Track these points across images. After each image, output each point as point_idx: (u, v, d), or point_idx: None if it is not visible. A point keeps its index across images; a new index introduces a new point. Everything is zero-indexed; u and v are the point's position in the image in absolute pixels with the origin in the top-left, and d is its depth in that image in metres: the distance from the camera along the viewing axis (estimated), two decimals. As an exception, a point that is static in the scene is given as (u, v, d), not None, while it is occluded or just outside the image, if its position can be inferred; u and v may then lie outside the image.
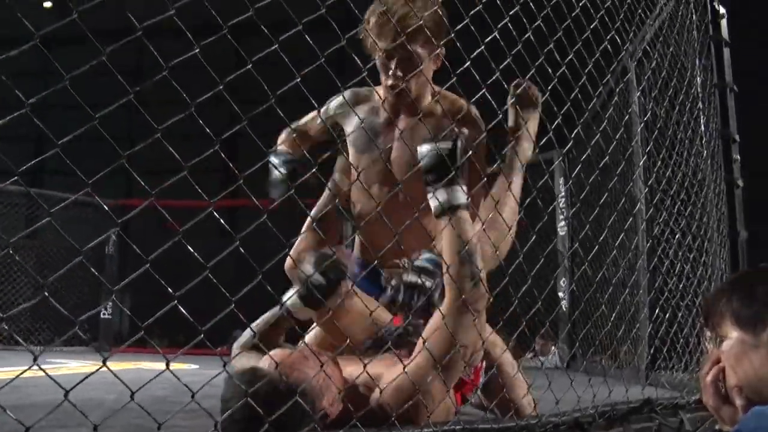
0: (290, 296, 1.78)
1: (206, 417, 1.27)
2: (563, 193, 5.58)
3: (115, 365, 1.11)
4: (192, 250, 1.27)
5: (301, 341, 1.83)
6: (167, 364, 1.11)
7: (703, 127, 3.07)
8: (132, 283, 1.19)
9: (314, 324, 1.97)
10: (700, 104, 3.05)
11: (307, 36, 1.33)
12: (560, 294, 5.58)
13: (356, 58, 1.58)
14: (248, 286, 1.31)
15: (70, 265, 1.13)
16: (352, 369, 1.61)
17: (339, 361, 1.65)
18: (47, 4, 12.23)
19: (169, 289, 1.14)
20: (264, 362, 1.48)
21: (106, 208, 6.58)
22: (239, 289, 1.26)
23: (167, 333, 8.57)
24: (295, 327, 1.91)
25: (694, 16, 3.15)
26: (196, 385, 1.19)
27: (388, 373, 1.57)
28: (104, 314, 7.59)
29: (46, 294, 1.05)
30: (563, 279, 5.50)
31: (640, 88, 3.52)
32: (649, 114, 3.26)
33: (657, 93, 3.01)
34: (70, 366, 5.12)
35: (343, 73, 1.59)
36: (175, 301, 1.14)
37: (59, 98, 1.13)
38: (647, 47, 3.41)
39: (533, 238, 1.94)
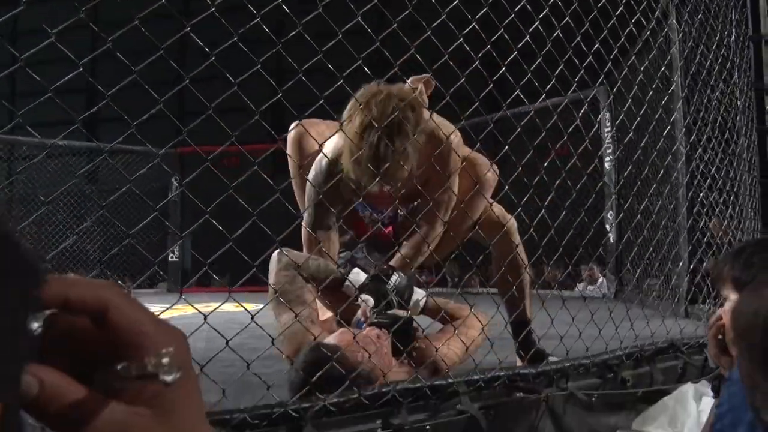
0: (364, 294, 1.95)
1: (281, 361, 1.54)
2: (609, 128, 5.56)
3: (189, 308, 1.30)
4: (242, 201, 1.45)
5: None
6: (252, 318, 1.34)
7: (736, 79, 3.04)
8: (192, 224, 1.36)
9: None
10: (736, 59, 3.01)
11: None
12: (607, 226, 5.63)
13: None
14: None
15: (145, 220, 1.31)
16: None
17: None
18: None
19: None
20: (331, 338, 1.72)
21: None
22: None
23: (227, 269, 8.93)
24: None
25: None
26: (269, 328, 1.43)
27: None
28: (172, 257, 7.95)
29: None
30: (610, 212, 5.54)
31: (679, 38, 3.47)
32: (692, 72, 3.19)
33: (693, 43, 2.99)
34: (154, 309, 5.46)
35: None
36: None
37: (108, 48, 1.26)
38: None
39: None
